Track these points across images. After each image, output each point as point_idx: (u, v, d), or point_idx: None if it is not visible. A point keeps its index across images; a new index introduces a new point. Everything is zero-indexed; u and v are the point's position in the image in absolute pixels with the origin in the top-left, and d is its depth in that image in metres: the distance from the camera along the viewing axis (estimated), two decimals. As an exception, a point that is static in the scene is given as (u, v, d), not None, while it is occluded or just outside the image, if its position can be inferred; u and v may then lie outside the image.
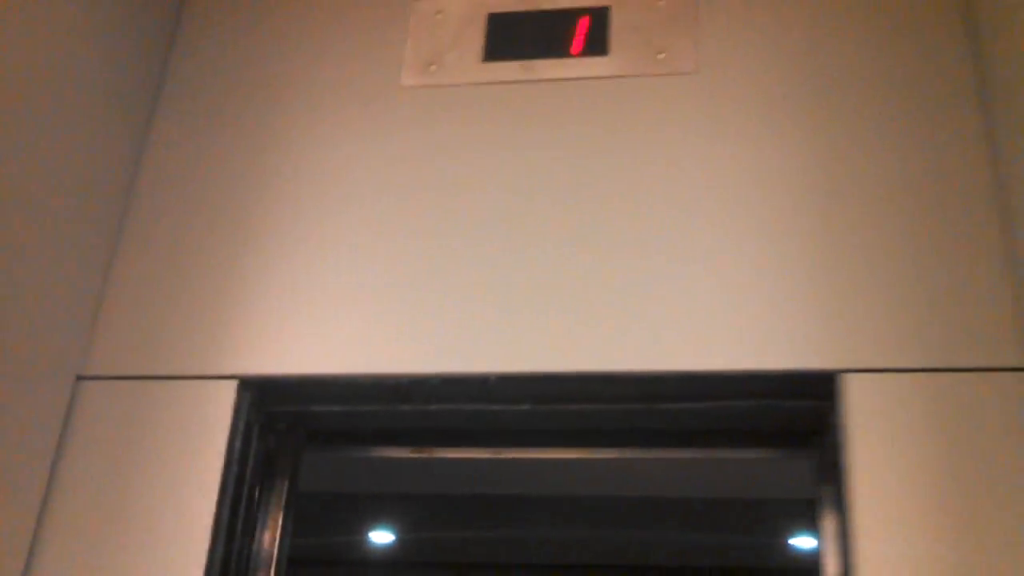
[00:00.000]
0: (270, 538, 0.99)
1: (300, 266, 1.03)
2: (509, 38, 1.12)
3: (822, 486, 0.93)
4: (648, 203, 1.01)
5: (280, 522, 1.00)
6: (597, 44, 1.10)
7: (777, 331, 0.93)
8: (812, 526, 0.94)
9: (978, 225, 0.96)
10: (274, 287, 1.03)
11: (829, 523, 0.92)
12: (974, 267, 0.94)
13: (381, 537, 2.36)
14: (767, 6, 1.10)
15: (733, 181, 1.01)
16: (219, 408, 0.95)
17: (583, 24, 1.12)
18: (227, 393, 0.96)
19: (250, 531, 0.98)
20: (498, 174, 1.05)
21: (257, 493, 0.99)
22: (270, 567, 0.98)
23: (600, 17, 1.12)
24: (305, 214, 1.06)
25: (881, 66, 1.05)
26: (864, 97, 1.04)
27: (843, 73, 1.05)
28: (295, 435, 1.05)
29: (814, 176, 1.01)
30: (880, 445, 0.87)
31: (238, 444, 0.95)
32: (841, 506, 0.88)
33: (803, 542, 2.00)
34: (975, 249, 0.95)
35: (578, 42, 1.11)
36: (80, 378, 1.00)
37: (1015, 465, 0.85)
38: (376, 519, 2.16)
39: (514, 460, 1.13)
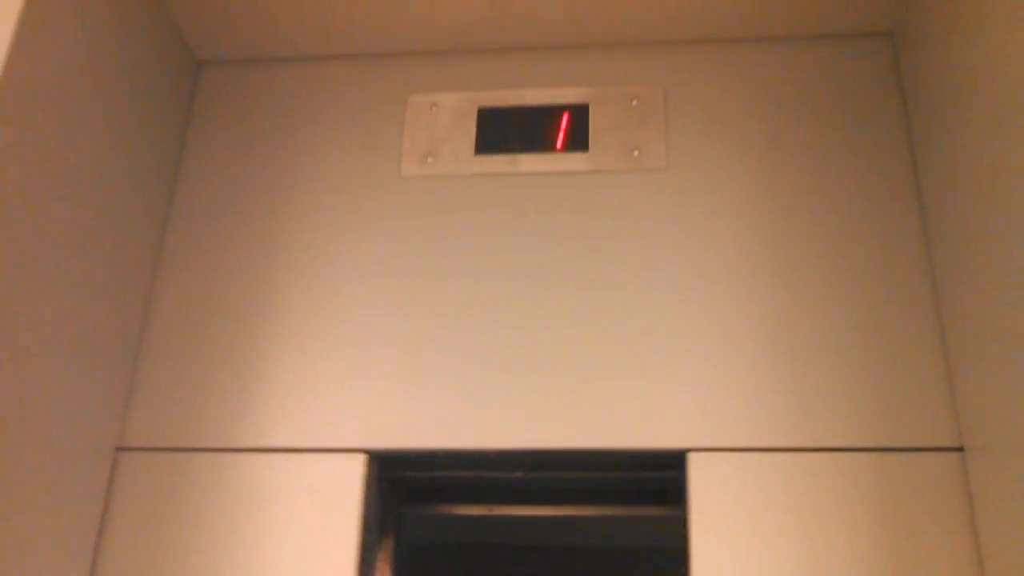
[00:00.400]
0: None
1: (319, 348, 1.15)
2: (498, 132, 1.25)
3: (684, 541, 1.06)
4: (611, 290, 1.14)
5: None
6: (578, 140, 1.23)
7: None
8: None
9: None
10: (291, 366, 1.14)
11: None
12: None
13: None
14: (729, 107, 1.23)
15: (679, 273, 1.14)
16: (351, 478, 1.07)
17: (565, 120, 1.24)
18: (357, 465, 1.08)
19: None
20: (488, 260, 1.18)
21: (375, 550, 1.11)
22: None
23: (581, 114, 1.24)
24: (314, 298, 1.18)
25: (826, 166, 1.19)
26: (810, 192, 1.17)
27: (792, 170, 1.19)
28: (396, 496, 1.16)
29: (759, 264, 1.14)
30: (715, 511, 1.01)
31: (365, 509, 1.06)
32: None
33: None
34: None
35: (561, 138, 1.23)
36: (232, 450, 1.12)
37: (844, 539, 0.99)
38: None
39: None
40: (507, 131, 1.24)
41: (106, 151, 1.11)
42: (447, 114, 1.27)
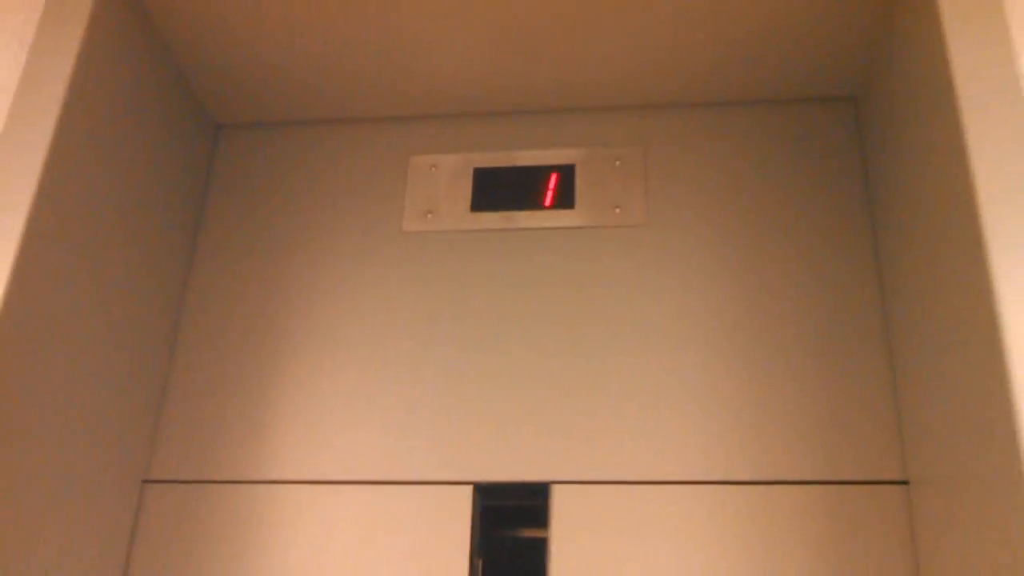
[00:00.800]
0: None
1: (329, 386, 1.26)
2: (492, 191, 1.36)
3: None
4: (590, 336, 1.25)
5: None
6: (565, 198, 1.34)
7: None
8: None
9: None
10: (303, 402, 1.26)
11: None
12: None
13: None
14: (704, 167, 1.34)
15: (659, 321, 1.25)
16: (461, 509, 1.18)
17: (554, 179, 1.36)
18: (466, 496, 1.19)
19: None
20: (481, 308, 1.29)
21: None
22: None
23: (568, 174, 1.36)
24: (325, 341, 1.29)
25: (790, 223, 1.29)
26: (774, 245, 1.28)
27: (758, 225, 1.30)
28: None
29: (725, 312, 1.25)
30: (574, 540, 1.12)
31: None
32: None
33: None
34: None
35: (550, 196, 1.35)
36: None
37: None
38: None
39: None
40: (500, 190, 1.36)
41: (135, 205, 1.23)
42: (445, 174, 1.38)
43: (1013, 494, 0.84)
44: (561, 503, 1.17)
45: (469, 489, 1.18)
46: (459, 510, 1.17)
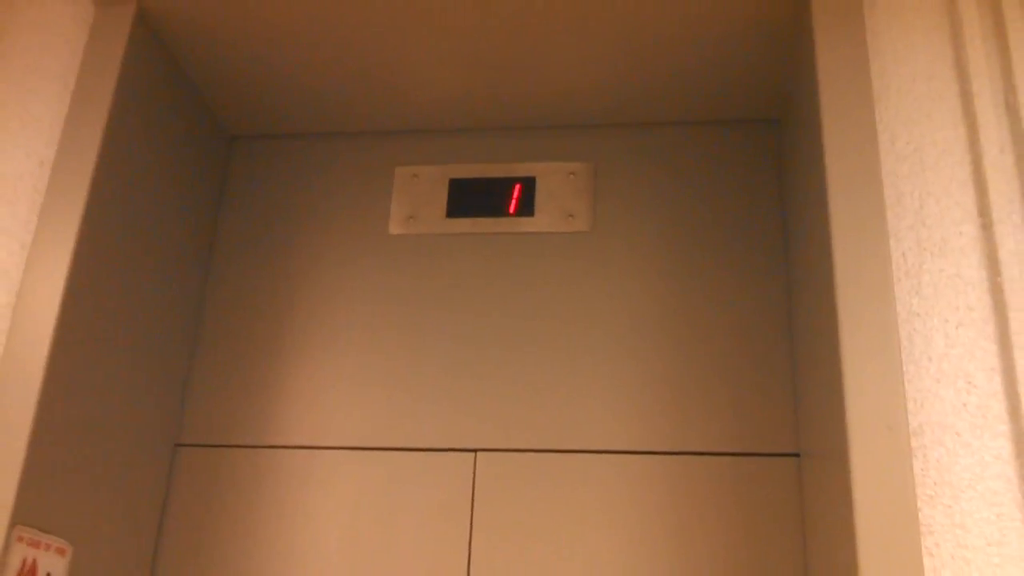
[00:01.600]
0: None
1: (331, 358, 1.52)
2: (464, 199, 1.59)
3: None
4: (549, 323, 1.49)
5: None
6: (527, 206, 1.57)
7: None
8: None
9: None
10: (310, 374, 1.51)
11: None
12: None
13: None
14: (644, 180, 1.56)
15: (604, 313, 1.49)
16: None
17: (517, 190, 1.58)
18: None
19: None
20: (454, 299, 1.53)
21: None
22: None
23: (529, 185, 1.58)
24: (327, 323, 1.54)
25: (714, 231, 1.52)
26: (698, 249, 1.51)
27: (687, 233, 1.52)
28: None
29: (653, 304, 1.48)
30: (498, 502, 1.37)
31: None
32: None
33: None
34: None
35: (513, 205, 1.57)
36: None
37: (606, 537, 1.34)
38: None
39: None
40: (471, 198, 1.59)
41: (165, 207, 1.47)
42: (425, 183, 1.61)
43: (842, 467, 1.08)
44: (485, 469, 1.42)
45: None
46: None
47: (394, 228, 1.59)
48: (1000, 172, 1.17)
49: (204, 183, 1.61)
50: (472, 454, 1.44)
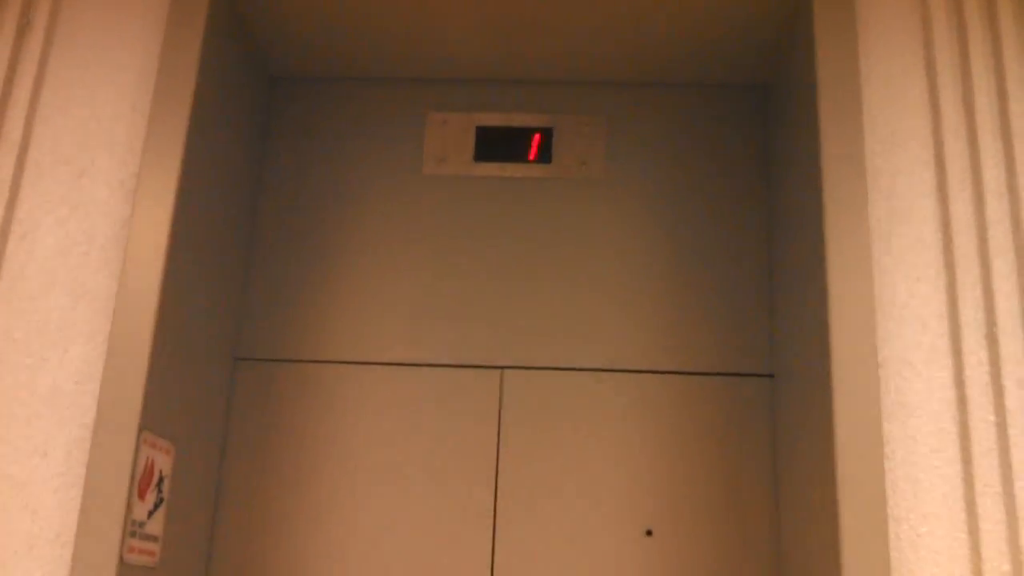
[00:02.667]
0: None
1: (370, 281, 1.74)
2: (490, 145, 1.80)
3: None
4: (565, 258, 1.74)
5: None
6: (545, 154, 1.79)
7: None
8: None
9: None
10: (356, 295, 1.73)
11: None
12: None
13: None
14: (649, 134, 1.80)
15: (611, 249, 1.74)
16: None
17: (536, 139, 1.80)
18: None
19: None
20: (480, 239, 1.76)
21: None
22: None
23: (547, 134, 1.80)
24: (369, 250, 1.76)
25: (707, 181, 1.77)
26: (691, 195, 1.77)
27: (684, 182, 1.77)
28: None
29: (651, 240, 1.74)
30: (525, 422, 1.66)
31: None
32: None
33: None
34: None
35: (533, 152, 1.80)
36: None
37: (619, 454, 1.64)
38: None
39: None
40: (496, 144, 1.80)
41: (224, 144, 1.65)
42: (455, 129, 1.82)
43: (823, 389, 1.37)
44: (511, 384, 1.68)
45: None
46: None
47: (427, 169, 1.80)
48: (956, 155, 1.45)
49: (252, 120, 1.78)
50: (499, 371, 1.69)
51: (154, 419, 1.39)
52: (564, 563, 1.59)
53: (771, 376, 1.67)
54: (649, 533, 1.59)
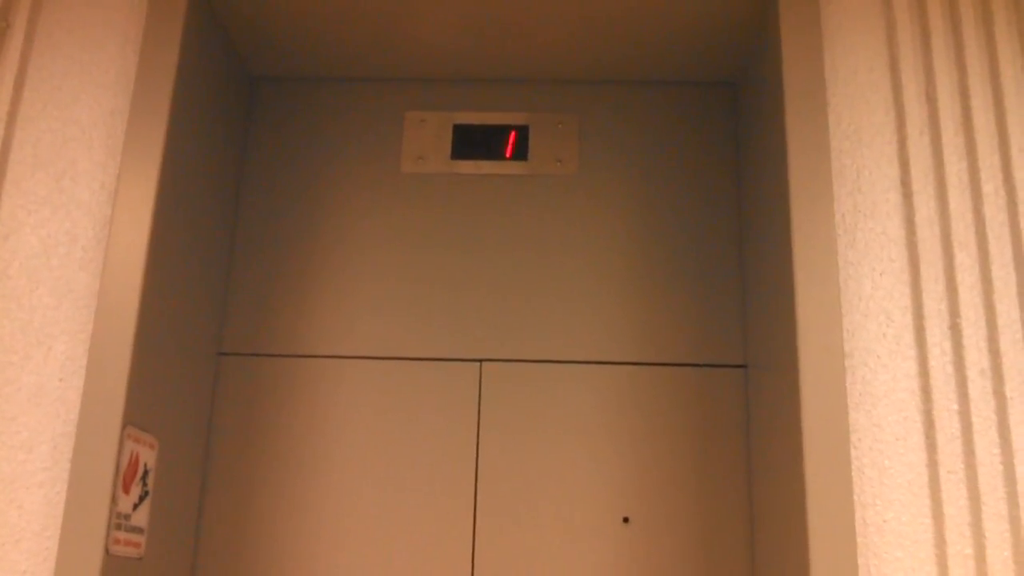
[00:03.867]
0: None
1: (350, 277, 1.77)
2: (467, 143, 1.83)
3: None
4: (541, 253, 1.77)
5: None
6: (521, 151, 1.82)
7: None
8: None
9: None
10: (334, 290, 1.76)
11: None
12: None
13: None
14: (620, 131, 1.84)
15: (586, 243, 1.78)
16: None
17: (512, 136, 1.83)
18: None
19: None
20: (457, 230, 1.79)
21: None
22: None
23: (523, 132, 1.83)
24: (348, 248, 1.78)
25: (677, 177, 1.81)
26: (662, 191, 1.80)
27: (655, 178, 1.81)
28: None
29: (624, 233, 1.78)
30: (504, 413, 1.69)
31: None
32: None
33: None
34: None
35: (509, 149, 1.83)
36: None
37: (597, 443, 1.68)
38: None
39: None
40: (473, 142, 1.83)
41: (203, 145, 1.67)
42: (432, 127, 1.85)
43: (791, 379, 1.41)
44: (489, 376, 1.71)
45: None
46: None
47: (405, 167, 1.83)
48: (919, 151, 1.49)
49: (231, 120, 1.81)
50: (478, 363, 1.72)
51: (138, 414, 1.42)
52: (544, 551, 1.63)
53: (744, 367, 1.71)
54: (626, 520, 1.63)
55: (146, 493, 1.45)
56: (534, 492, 1.66)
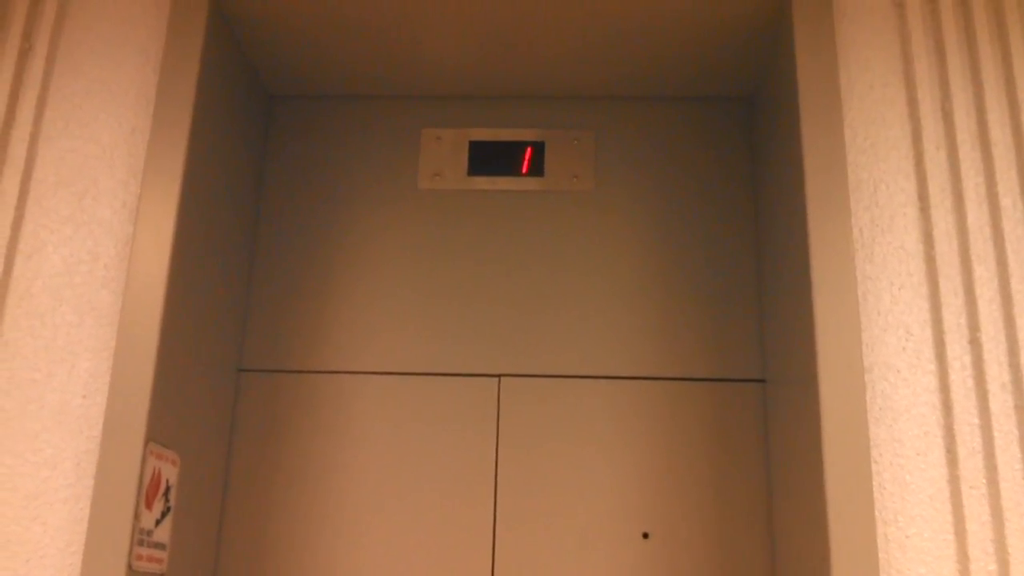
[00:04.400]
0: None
1: (368, 293, 1.78)
2: (483, 159, 1.84)
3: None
4: (558, 269, 1.78)
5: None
6: (537, 167, 1.83)
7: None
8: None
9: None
10: (356, 307, 1.77)
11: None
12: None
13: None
14: (637, 149, 1.84)
15: (603, 259, 1.78)
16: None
17: (528, 152, 1.84)
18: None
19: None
20: (476, 251, 1.80)
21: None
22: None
23: (539, 148, 1.84)
24: (365, 266, 1.79)
25: (693, 194, 1.81)
26: (678, 207, 1.81)
27: (670, 195, 1.81)
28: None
29: (641, 250, 1.78)
30: (522, 428, 1.70)
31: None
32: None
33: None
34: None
35: (525, 165, 1.84)
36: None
37: (616, 458, 1.68)
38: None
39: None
40: (489, 159, 1.84)
41: (224, 164, 1.69)
42: (448, 144, 1.86)
43: (812, 394, 1.41)
44: (507, 392, 1.72)
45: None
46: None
47: (422, 183, 1.84)
48: (936, 165, 1.49)
49: (250, 138, 1.82)
50: (496, 379, 1.73)
51: (160, 431, 1.43)
52: (563, 565, 1.63)
53: (763, 381, 1.71)
54: (646, 536, 1.63)
55: (168, 509, 1.46)
56: (553, 506, 1.66)
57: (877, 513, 1.35)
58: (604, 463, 1.68)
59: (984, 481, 1.36)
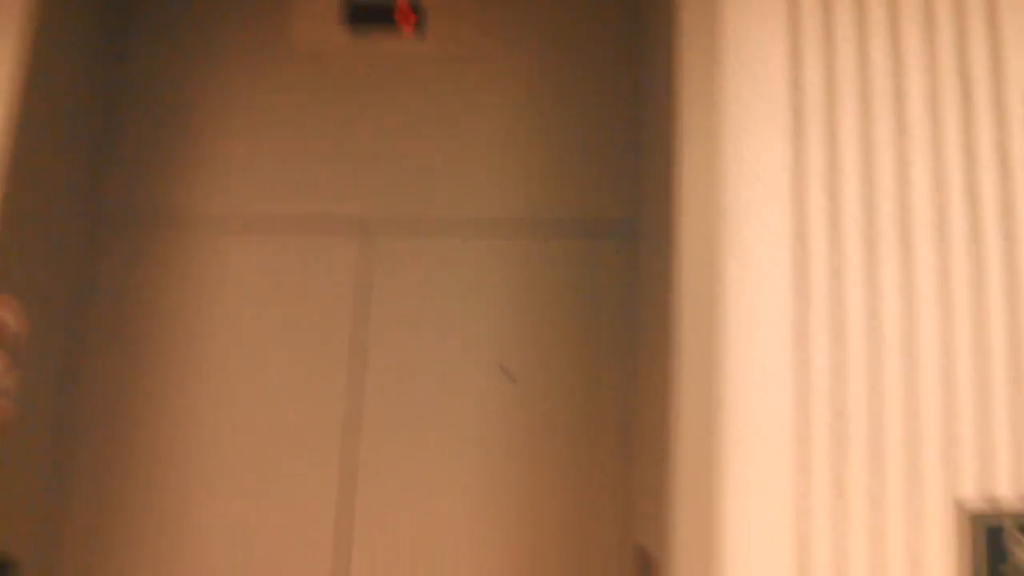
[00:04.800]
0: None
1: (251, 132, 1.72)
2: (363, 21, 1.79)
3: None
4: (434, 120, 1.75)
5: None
6: (420, 31, 1.79)
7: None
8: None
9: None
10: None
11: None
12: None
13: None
14: (523, 18, 1.79)
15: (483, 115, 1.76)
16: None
17: (411, 17, 1.78)
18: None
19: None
20: (355, 110, 1.75)
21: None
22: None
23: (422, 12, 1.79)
24: (240, 106, 1.74)
25: (568, 64, 1.78)
26: (559, 76, 1.78)
27: (552, 66, 1.79)
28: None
29: (524, 112, 1.76)
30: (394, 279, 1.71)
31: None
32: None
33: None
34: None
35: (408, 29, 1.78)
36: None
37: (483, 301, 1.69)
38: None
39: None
40: (370, 20, 1.79)
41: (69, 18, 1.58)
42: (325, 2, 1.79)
43: (672, 233, 1.41)
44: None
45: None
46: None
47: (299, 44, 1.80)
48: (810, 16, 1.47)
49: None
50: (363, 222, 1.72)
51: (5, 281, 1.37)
52: (428, 405, 1.65)
53: (631, 222, 1.72)
54: (506, 371, 1.66)
55: (12, 358, 1.40)
56: (421, 335, 1.68)
57: (723, 339, 1.37)
58: (468, 301, 1.69)
59: (829, 315, 1.39)
